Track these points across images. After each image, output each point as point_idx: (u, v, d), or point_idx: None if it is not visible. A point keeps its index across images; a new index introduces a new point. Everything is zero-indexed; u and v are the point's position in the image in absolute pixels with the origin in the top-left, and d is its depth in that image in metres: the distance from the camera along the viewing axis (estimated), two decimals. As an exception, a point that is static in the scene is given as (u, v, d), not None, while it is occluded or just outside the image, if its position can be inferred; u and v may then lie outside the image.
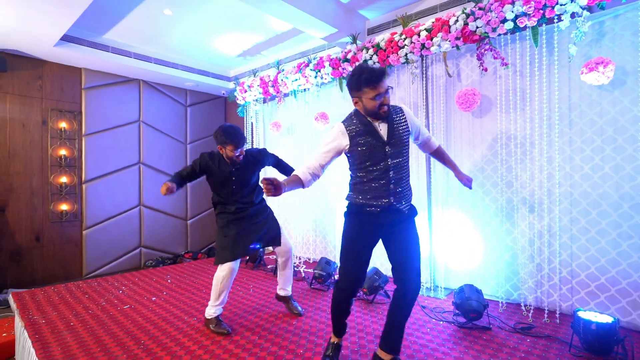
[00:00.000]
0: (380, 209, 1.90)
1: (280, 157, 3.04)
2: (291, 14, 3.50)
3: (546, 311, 2.74)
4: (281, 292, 2.92)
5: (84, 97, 4.90)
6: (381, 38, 3.57)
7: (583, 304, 2.72)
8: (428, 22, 3.23)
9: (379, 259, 3.77)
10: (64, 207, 4.72)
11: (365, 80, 1.79)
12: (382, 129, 1.91)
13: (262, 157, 2.83)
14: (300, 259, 4.70)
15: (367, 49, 3.65)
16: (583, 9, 2.45)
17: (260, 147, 3.23)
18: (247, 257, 4.61)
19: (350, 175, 2.03)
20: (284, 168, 3.02)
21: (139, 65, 4.91)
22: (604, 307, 2.63)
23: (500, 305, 2.96)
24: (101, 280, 3.99)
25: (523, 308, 2.88)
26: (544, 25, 2.67)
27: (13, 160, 4.37)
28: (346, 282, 1.99)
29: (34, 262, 4.51)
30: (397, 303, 1.94)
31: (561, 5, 2.49)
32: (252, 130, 5.45)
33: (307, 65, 4.30)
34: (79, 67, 4.85)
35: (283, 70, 4.68)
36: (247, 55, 5.37)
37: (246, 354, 2.24)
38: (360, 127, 1.90)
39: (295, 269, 4.17)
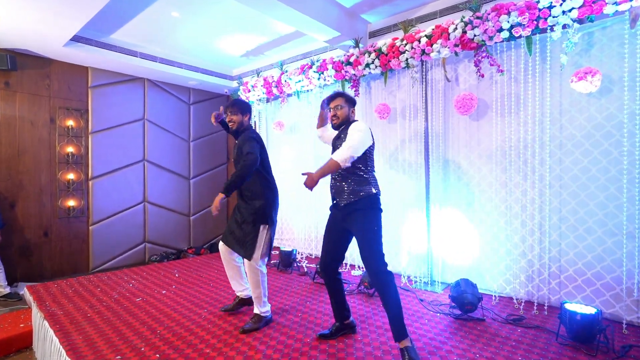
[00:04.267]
0: (332, 205, 2.42)
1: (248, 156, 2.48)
2: (296, 18, 3.62)
3: (535, 304, 2.94)
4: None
5: (90, 96, 5.00)
6: (383, 43, 3.71)
7: (570, 297, 2.91)
8: (428, 28, 3.38)
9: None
10: (71, 203, 4.84)
11: (326, 98, 2.56)
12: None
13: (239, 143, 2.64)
14: (302, 254, 4.86)
15: (370, 53, 3.79)
16: (574, 21, 2.62)
17: (248, 130, 2.69)
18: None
19: None
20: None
21: (144, 64, 5.01)
22: (589, 300, 2.82)
23: (493, 298, 3.15)
24: (110, 274, 4.13)
25: (515, 301, 3.07)
26: (537, 35, 2.84)
27: (22, 158, 4.47)
28: (319, 264, 2.49)
29: (42, 256, 4.63)
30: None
31: (554, 17, 2.65)
32: (255, 129, 5.59)
33: (310, 67, 4.44)
34: (86, 66, 4.94)
35: (286, 71, 4.81)
36: (251, 55, 5.49)
37: (257, 342, 2.40)
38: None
39: (298, 263, 4.34)
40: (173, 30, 4.52)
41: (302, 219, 5.04)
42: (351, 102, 2.49)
